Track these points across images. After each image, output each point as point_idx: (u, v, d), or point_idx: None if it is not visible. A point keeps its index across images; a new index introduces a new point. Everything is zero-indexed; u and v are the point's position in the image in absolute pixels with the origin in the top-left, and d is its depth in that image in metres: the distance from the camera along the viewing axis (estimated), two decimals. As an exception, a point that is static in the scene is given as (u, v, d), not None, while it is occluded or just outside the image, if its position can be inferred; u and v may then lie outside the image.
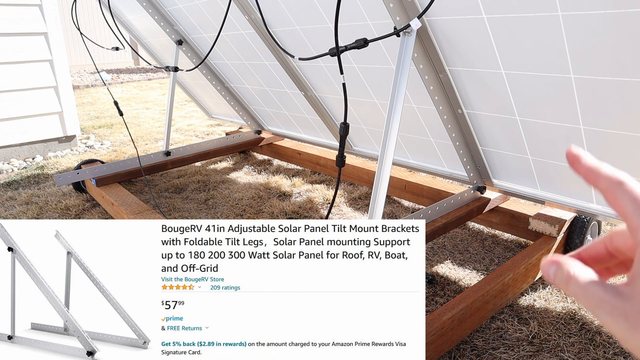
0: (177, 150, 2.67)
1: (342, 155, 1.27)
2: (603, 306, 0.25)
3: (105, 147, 3.67)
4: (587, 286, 0.26)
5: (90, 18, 10.04)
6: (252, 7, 1.92)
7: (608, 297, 0.25)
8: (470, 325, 1.28)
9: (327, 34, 1.76)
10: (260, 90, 2.57)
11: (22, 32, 3.18)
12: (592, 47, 1.09)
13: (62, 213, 2.31)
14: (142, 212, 1.93)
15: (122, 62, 10.83)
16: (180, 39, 2.58)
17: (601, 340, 1.28)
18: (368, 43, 1.29)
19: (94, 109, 5.48)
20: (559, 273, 0.27)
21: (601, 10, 1.01)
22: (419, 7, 1.34)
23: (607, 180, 0.27)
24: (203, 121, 4.47)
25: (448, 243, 1.87)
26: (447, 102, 1.57)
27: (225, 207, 2.31)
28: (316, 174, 2.76)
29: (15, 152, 3.36)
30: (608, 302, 0.25)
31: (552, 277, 0.28)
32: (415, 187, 2.18)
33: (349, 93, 1.99)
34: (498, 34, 1.24)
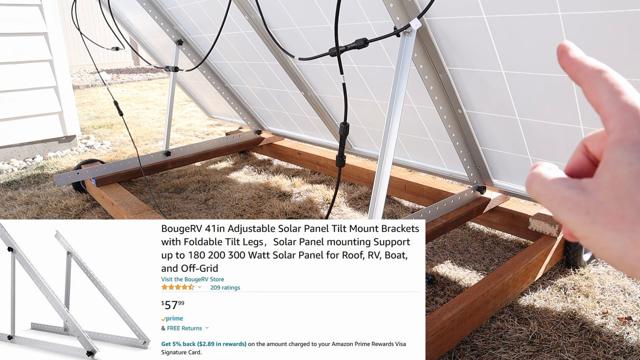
0: (177, 150, 2.67)
1: (342, 155, 1.27)
2: (565, 203, 0.23)
3: (105, 147, 3.67)
4: (550, 184, 0.25)
5: (90, 18, 10.04)
6: (252, 7, 1.92)
7: (571, 192, 0.23)
8: (470, 325, 1.28)
9: (327, 34, 1.76)
10: (260, 90, 2.57)
11: (22, 32, 3.18)
12: (592, 46, 1.09)
13: (62, 213, 2.31)
14: (142, 212, 1.93)
15: (122, 62, 10.83)
16: (180, 39, 2.58)
17: (601, 340, 1.28)
18: (368, 43, 1.29)
19: (94, 109, 5.48)
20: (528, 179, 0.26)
21: (601, 10, 1.01)
22: (419, 7, 1.34)
23: (587, 70, 0.25)
24: (203, 121, 4.47)
25: (448, 243, 1.87)
26: (447, 102, 1.57)
27: (225, 207, 2.31)
28: (316, 174, 2.76)
29: (15, 152, 3.36)
30: (570, 198, 0.23)
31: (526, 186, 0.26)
32: (415, 187, 2.18)
33: (349, 93, 1.99)
34: (498, 33, 1.24)
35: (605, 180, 0.22)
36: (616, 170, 0.22)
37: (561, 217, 0.24)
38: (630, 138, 0.22)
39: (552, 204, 0.24)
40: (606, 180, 0.22)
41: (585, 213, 0.22)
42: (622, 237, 0.21)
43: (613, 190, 0.22)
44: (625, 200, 0.21)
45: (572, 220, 0.23)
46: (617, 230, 0.21)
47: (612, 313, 1.39)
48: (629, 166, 0.21)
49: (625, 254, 0.21)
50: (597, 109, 0.24)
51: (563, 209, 0.23)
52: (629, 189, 0.21)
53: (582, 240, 0.23)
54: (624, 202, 0.21)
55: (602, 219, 0.22)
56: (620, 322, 1.35)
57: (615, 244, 0.21)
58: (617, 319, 1.36)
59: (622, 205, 0.21)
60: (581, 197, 0.23)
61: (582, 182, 0.24)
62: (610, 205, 0.22)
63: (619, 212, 0.21)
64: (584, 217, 0.22)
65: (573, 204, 0.23)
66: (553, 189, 0.24)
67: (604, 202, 0.22)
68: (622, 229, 0.21)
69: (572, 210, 0.23)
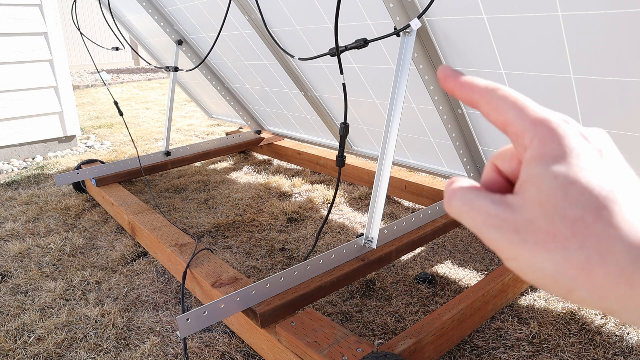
0: (177, 150, 2.66)
1: (342, 155, 1.27)
2: (491, 221, 0.22)
3: (105, 147, 3.67)
4: (473, 199, 0.23)
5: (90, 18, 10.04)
6: (252, 7, 1.92)
7: (496, 210, 0.22)
8: (470, 325, 1.28)
9: (327, 34, 1.76)
10: (260, 90, 2.57)
11: (22, 32, 3.18)
12: (592, 46, 1.09)
13: (62, 213, 2.31)
14: (142, 212, 1.93)
15: (122, 62, 10.83)
16: (180, 39, 2.58)
17: (601, 340, 1.28)
18: (368, 43, 1.29)
19: (94, 109, 5.48)
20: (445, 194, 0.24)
21: (601, 10, 1.01)
22: (419, 7, 1.34)
23: (481, 90, 0.24)
24: (203, 121, 4.47)
25: (448, 243, 1.87)
26: (447, 102, 1.57)
27: (225, 207, 2.31)
28: (316, 174, 2.76)
29: (15, 152, 3.36)
30: (497, 215, 0.21)
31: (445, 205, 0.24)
32: (415, 187, 2.18)
33: (349, 93, 1.99)
34: (498, 33, 1.24)
35: (530, 196, 0.21)
36: (541, 185, 0.21)
37: (487, 236, 0.22)
38: (550, 153, 0.21)
39: (475, 222, 0.22)
40: (532, 196, 0.21)
41: (514, 231, 0.21)
42: (554, 256, 0.20)
43: (541, 206, 0.20)
44: (555, 217, 0.20)
45: (500, 239, 0.21)
46: (549, 249, 0.20)
47: (612, 313, 1.39)
48: (554, 180, 0.20)
49: (559, 274, 0.20)
50: (503, 126, 0.23)
51: (489, 227, 0.22)
52: (557, 203, 0.20)
53: (509, 262, 0.21)
54: (554, 219, 0.20)
55: (533, 237, 0.20)
56: (620, 322, 1.35)
57: (547, 264, 0.20)
58: (617, 319, 1.36)
59: (553, 222, 0.20)
60: (508, 213, 0.21)
61: (507, 198, 0.22)
62: (540, 222, 0.20)
63: (549, 229, 0.20)
64: (512, 235, 0.21)
65: (500, 221, 0.21)
66: (476, 206, 0.22)
67: (533, 219, 0.20)
68: (555, 248, 0.20)
69: (499, 228, 0.21)
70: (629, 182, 0.21)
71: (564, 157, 0.21)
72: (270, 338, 1.14)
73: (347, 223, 2.08)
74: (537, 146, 0.22)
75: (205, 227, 2.09)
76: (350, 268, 1.36)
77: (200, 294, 1.43)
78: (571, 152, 0.21)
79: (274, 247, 1.87)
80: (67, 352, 1.32)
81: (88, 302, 1.56)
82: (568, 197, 0.20)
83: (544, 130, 0.22)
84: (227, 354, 1.29)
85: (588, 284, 0.19)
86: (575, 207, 0.20)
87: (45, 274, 1.75)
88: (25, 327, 1.44)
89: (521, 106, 0.23)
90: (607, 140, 0.22)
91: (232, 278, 1.37)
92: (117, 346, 1.34)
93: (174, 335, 1.38)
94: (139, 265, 1.79)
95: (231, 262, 1.78)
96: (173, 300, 1.55)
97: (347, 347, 1.04)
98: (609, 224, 0.19)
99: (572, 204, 0.20)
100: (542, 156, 0.21)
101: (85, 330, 1.41)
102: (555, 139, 0.21)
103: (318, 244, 1.89)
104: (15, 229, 2.15)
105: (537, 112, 0.22)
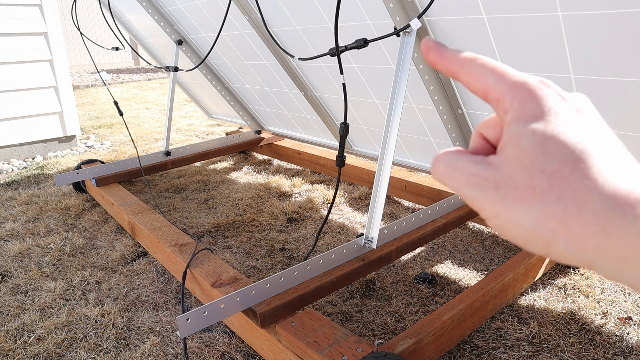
0: (177, 150, 2.67)
1: (342, 155, 1.27)
2: (472, 180, 0.22)
3: (105, 147, 3.67)
4: (456, 161, 0.23)
5: (90, 18, 10.04)
6: (252, 7, 1.92)
7: (478, 168, 0.22)
8: (470, 325, 1.28)
9: (327, 34, 1.76)
10: (260, 90, 2.57)
11: (22, 32, 3.18)
12: (592, 46, 1.09)
13: (62, 213, 2.31)
14: (142, 212, 1.93)
15: (122, 62, 10.83)
16: (180, 39, 2.58)
17: (601, 340, 1.28)
18: (368, 43, 1.29)
19: (94, 109, 5.48)
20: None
21: (601, 10, 1.01)
22: (419, 7, 1.34)
23: (461, 60, 0.25)
24: (203, 121, 4.47)
25: (448, 243, 1.87)
26: (447, 102, 1.57)
27: (225, 207, 2.31)
28: (316, 174, 2.76)
29: (15, 152, 3.36)
30: (478, 174, 0.22)
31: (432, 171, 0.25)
32: (415, 187, 2.18)
33: (349, 93, 1.99)
34: (498, 33, 1.24)
35: (510, 153, 0.22)
36: (520, 142, 0.21)
37: (469, 195, 0.22)
38: (529, 112, 0.22)
39: (458, 182, 0.23)
40: (511, 153, 0.21)
41: (494, 188, 0.21)
42: (533, 209, 0.20)
43: (520, 162, 0.21)
44: (533, 171, 0.20)
45: (481, 198, 0.22)
46: (528, 202, 0.20)
47: (612, 313, 1.39)
48: (532, 136, 0.21)
49: (538, 228, 0.20)
50: (484, 94, 0.24)
51: (471, 186, 0.22)
52: (535, 158, 0.21)
53: (492, 221, 0.22)
54: (532, 173, 0.20)
55: (512, 193, 0.21)
56: (620, 322, 1.35)
57: (526, 218, 0.20)
58: (617, 319, 1.36)
59: (531, 175, 0.20)
60: (488, 171, 0.22)
61: (488, 158, 0.23)
62: (518, 177, 0.21)
63: (528, 183, 0.20)
64: (492, 193, 0.21)
65: (481, 180, 0.22)
66: (459, 166, 0.23)
67: (512, 175, 0.21)
68: (533, 201, 0.20)
69: (480, 187, 0.22)
70: (606, 138, 0.21)
71: (542, 115, 0.21)
72: (270, 338, 1.14)
73: (347, 223, 2.08)
74: (516, 107, 0.22)
75: (205, 227, 2.09)
76: (350, 268, 1.36)
77: (200, 294, 1.43)
78: (549, 110, 0.21)
79: (274, 247, 1.87)
80: (67, 352, 1.32)
81: (88, 302, 1.56)
82: (546, 151, 0.20)
83: (523, 92, 0.22)
84: (227, 354, 1.29)
85: (566, 236, 0.20)
86: (553, 161, 0.20)
87: (45, 274, 1.75)
88: (25, 327, 1.44)
89: (500, 72, 0.23)
90: (586, 101, 0.23)
91: (232, 278, 1.37)
92: (117, 346, 1.34)
93: (174, 335, 1.38)
94: (139, 265, 1.79)
95: (231, 262, 1.78)
96: (173, 300, 1.55)
97: (347, 347, 1.04)
98: (585, 176, 0.19)
99: (550, 158, 0.20)
100: (522, 116, 0.22)
101: (85, 330, 1.41)
102: (534, 100, 0.22)
103: (318, 244, 1.89)
104: (15, 229, 2.15)
105: (515, 76, 0.23)
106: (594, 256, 0.19)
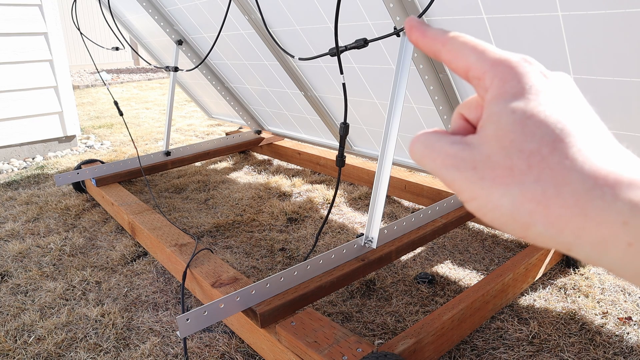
0: (177, 150, 2.66)
1: (342, 155, 1.27)
2: (450, 161, 0.22)
3: (105, 147, 3.67)
4: (433, 142, 0.23)
5: (90, 18, 10.04)
6: (252, 7, 1.92)
7: (456, 148, 0.22)
8: (470, 325, 1.28)
9: (327, 34, 1.76)
10: (260, 90, 2.57)
11: (22, 32, 3.18)
12: (592, 46, 1.09)
13: (62, 213, 2.31)
14: (142, 212, 1.93)
15: (122, 62, 10.83)
16: (180, 39, 2.58)
17: (601, 340, 1.28)
18: (368, 43, 1.29)
19: (94, 109, 5.48)
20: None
21: (601, 10, 1.01)
22: (419, 7, 1.34)
23: (443, 38, 0.24)
24: (203, 121, 4.47)
25: (448, 243, 1.87)
26: (447, 102, 1.57)
27: (225, 207, 2.31)
28: (316, 174, 2.76)
29: (15, 152, 3.36)
30: (455, 154, 0.21)
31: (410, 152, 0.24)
32: (415, 187, 2.18)
33: (349, 93, 1.99)
34: (498, 33, 1.24)
35: (489, 132, 0.21)
36: (499, 121, 0.21)
37: (447, 176, 0.22)
38: (509, 91, 0.21)
39: (435, 164, 0.22)
40: (490, 132, 0.21)
41: (472, 169, 0.21)
42: (511, 190, 0.20)
43: (498, 141, 0.20)
44: (512, 151, 0.20)
45: (459, 179, 0.21)
46: (506, 183, 0.20)
47: (612, 313, 1.39)
48: (512, 114, 0.20)
49: (516, 209, 0.20)
50: (465, 72, 0.23)
51: (448, 167, 0.22)
52: (514, 138, 0.20)
53: (470, 203, 0.21)
54: (511, 152, 0.20)
55: (490, 174, 0.20)
56: (620, 322, 1.35)
57: (504, 200, 0.20)
58: (617, 319, 1.36)
59: (510, 155, 0.20)
60: (466, 152, 0.21)
61: (466, 138, 0.22)
62: (497, 157, 0.20)
63: (506, 163, 0.20)
64: (470, 174, 0.21)
65: (459, 160, 0.21)
66: (437, 147, 0.22)
67: (490, 155, 0.20)
68: (511, 182, 0.20)
69: (457, 168, 0.21)
70: (587, 117, 0.21)
71: (523, 93, 0.21)
72: (270, 338, 1.14)
73: (347, 223, 2.08)
74: (497, 85, 0.22)
75: (205, 227, 2.09)
76: (350, 268, 1.36)
77: (200, 294, 1.43)
78: (530, 88, 0.21)
79: (274, 247, 1.87)
80: (67, 352, 1.32)
81: (88, 302, 1.56)
82: (525, 131, 0.20)
83: (504, 70, 0.22)
84: (227, 354, 1.29)
85: (544, 218, 0.19)
86: (532, 140, 0.20)
87: (45, 274, 1.75)
88: (25, 327, 1.44)
89: (481, 50, 0.23)
90: (569, 80, 0.22)
91: (232, 278, 1.37)
92: (117, 346, 1.34)
93: (174, 335, 1.38)
94: (139, 265, 1.79)
95: (231, 262, 1.78)
96: (173, 300, 1.55)
97: (347, 347, 1.04)
98: (565, 156, 0.19)
99: (529, 138, 0.20)
100: (502, 94, 0.21)
101: (85, 330, 1.41)
102: (515, 77, 0.21)
103: (318, 244, 1.89)
104: (15, 229, 2.15)
105: (497, 53, 0.22)
106: (572, 238, 0.19)
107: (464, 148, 0.21)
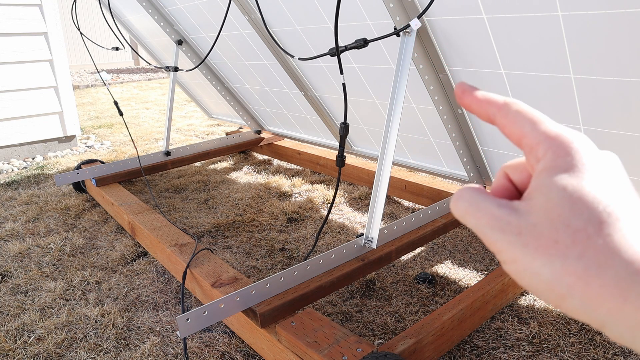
0: (177, 150, 2.66)
1: (342, 155, 1.27)
2: (495, 223, 0.22)
3: (105, 147, 3.67)
4: (479, 201, 0.23)
5: (90, 18, 10.04)
6: (252, 7, 1.92)
7: (502, 212, 0.22)
8: (470, 325, 1.28)
9: (327, 34, 1.76)
10: (260, 90, 2.57)
11: (22, 32, 3.18)
12: (592, 46, 1.09)
13: (62, 213, 2.31)
14: (142, 212, 1.93)
15: (122, 62, 10.83)
16: (180, 39, 2.58)
17: (601, 340, 1.28)
18: (368, 43, 1.29)
19: (94, 109, 5.48)
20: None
21: (601, 10, 1.01)
22: (419, 7, 1.34)
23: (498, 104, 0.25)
24: (203, 121, 4.47)
25: (448, 243, 1.87)
26: (447, 102, 1.57)
27: (225, 207, 2.31)
28: (316, 174, 2.76)
29: (15, 152, 3.36)
30: (501, 218, 0.22)
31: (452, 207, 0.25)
32: (415, 187, 2.18)
33: (349, 93, 1.99)
34: (498, 33, 1.24)
35: (538, 203, 0.22)
36: (549, 194, 0.21)
37: (490, 236, 0.22)
38: (561, 165, 0.22)
39: (479, 222, 0.23)
40: (539, 203, 0.22)
41: (517, 234, 0.21)
42: (553, 261, 0.20)
43: (546, 213, 0.21)
44: (558, 224, 0.21)
45: (502, 241, 0.22)
46: (549, 254, 0.20)
47: (612, 313, 1.39)
48: (563, 191, 0.21)
49: (556, 280, 0.20)
50: (518, 139, 0.24)
51: (493, 228, 0.22)
52: (562, 212, 0.21)
53: (509, 265, 0.22)
54: (557, 226, 0.21)
55: (534, 242, 0.21)
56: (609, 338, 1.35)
57: (545, 269, 0.20)
58: (617, 319, 1.36)
59: (556, 228, 0.21)
60: (513, 217, 0.22)
61: (513, 203, 0.23)
62: (543, 228, 0.21)
63: (552, 235, 0.21)
64: (515, 239, 0.21)
65: (504, 224, 0.22)
66: (482, 207, 0.23)
67: (537, 224, 0.21)
68: (555, 254, 0.20)
69: (502, 230, 0.22)
70: (632, 201, 0.21)
71: (574, 170, 0.22)
72: (270, 338, 1.14)
73: (347, 223, 2.08)
74: (550, 158, 0.22)
75: (205, 227, 2.09)
76: (350, 268, 1.36)
77: (200, 294, 1.43)
78: (582, 167, 0.22)
79: (274, 247, 1.87)
80: (67, 352, 1.32)
81: (88, 302, 1.56)
82: (574, 208, 0.21)
83: (558, 144, 0.23)
84: (227, 354, 1.29)
85: (582, 293, 0.20)
86: (580, 218, 0.20)
87: (45, 274, 1.75)
88: (25, 327, 1.44)
89: (537, 120, 0.24)
90: (617, 162, 0.23)
91: (232, 278, 1.37)
92: (117, 346, 1.34)
93: (174, 335, 1.38)
94: (139, 265, 1.79)
95: (231, 262, 1.78)
96: (173, 300, 1.55)
97: (347, 347, 1.04)
98: (610, 239, 0.20)
99: (577, 215, 0.20)
100: (554, 168, 0.22)
101: (85, 330, 1.41)
102: (569, 153, 0.22)
103: (318, 244, 1.89)
104: (15, 229, 2.15)
105: (552, 126, 0.24)
106: (607, 317, 0.19)
107: (511, 213, 0.22)
